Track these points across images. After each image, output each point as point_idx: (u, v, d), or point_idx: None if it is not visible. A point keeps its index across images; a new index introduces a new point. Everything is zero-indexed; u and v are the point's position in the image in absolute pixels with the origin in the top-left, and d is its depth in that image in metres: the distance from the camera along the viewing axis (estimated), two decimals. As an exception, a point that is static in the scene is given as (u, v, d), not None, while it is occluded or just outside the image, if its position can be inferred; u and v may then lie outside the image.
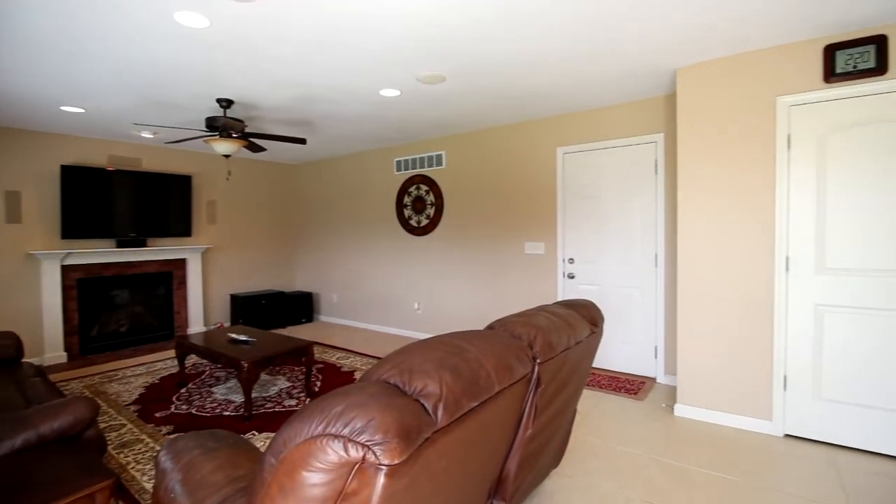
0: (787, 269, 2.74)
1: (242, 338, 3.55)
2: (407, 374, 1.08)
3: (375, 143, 5.48)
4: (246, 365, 3.01)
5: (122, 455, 2.60)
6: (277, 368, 4.18)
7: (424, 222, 5.32)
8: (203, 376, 4.00)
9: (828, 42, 2.60)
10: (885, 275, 2.48)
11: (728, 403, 2.93)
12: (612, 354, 4.03)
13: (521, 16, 2.32)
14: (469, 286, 4.97)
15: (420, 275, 5.42)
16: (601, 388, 3.61)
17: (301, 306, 6.42)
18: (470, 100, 3.74)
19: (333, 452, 0.89)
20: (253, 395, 3.52)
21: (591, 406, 3.25)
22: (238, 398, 3.45)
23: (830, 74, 2.59)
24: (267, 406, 3.31)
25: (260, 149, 4.15)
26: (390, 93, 3.51)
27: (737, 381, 2.90)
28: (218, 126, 3.58)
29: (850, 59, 2.54)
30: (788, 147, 2.72)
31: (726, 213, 2.92)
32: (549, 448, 1.93)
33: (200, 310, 5.75)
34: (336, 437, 0.89)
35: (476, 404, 1.18)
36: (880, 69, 2.46)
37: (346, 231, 6.26)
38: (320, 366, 4.31)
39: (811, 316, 2.67)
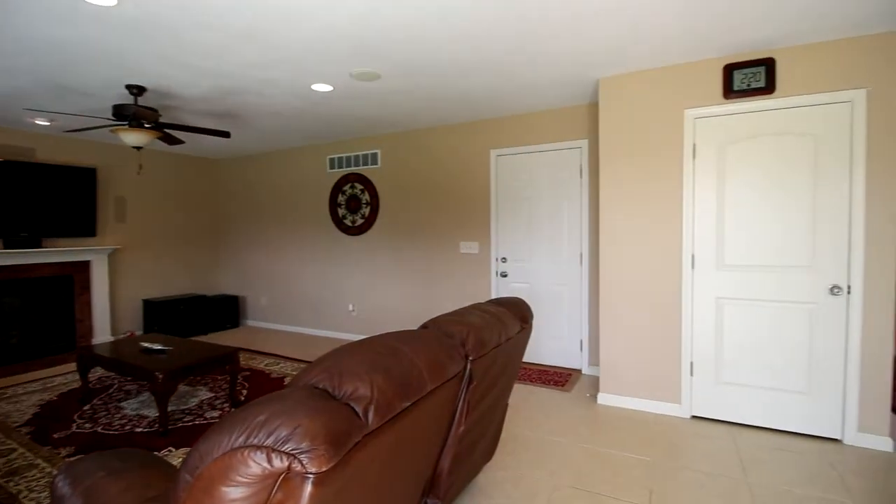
0: (692, 266, 3.02)
1: (157, 347, 3.27)
2: (337, 378, 1.05)
3: (307, 139, 5.29)
4: (160, 376, 2.78)
5: (11, 484, 2.29)
6: (198, 378, 3.90)
7: (359, 222, 5.23)
8: (111, 390, 3.63)
9: (727, 62, 2.90)
10: (768, 270, 2.82)
11: (644, 390, 3.18)
12: (541, 349, 4.22)
13: (454, 21, 2.35)
14: (405, 286, 4.95)
15: (355, 275, 5.32)
16: (532, 381, 3.76)
17: (225, 311, 6.04)
18: (406, 99, 3.73)
19: (256, 464, 0.84)
20: (170, 408, 3.25)
21: (522, 399, 3.38)
22: (152, 413, 3.18)
23: (729, 91, 2.89)
24: (186, 420, 3.07)
25: (177, 141, 3.84)
26: (322, 88, 3.40)
27: (651, 370, 3.16)
28: (127, 115, 3.26)
29: (745, 77, 2.85)
30: (694, 156, 3.00)
31: (642, 215, 3.16)
32: (482, 443, 1.98)
33: (107, 318, 5.21)
34: (259, 447, 0.84)
35: (409, 404, 1.18)
36: (769, 88, 2.79)
37: (276, 230, 5.98)
38: (247, 373, 4.08)
39: (713, 308, 2.97)
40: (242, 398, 3.47)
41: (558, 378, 3.83)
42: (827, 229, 2.68)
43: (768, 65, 2.78)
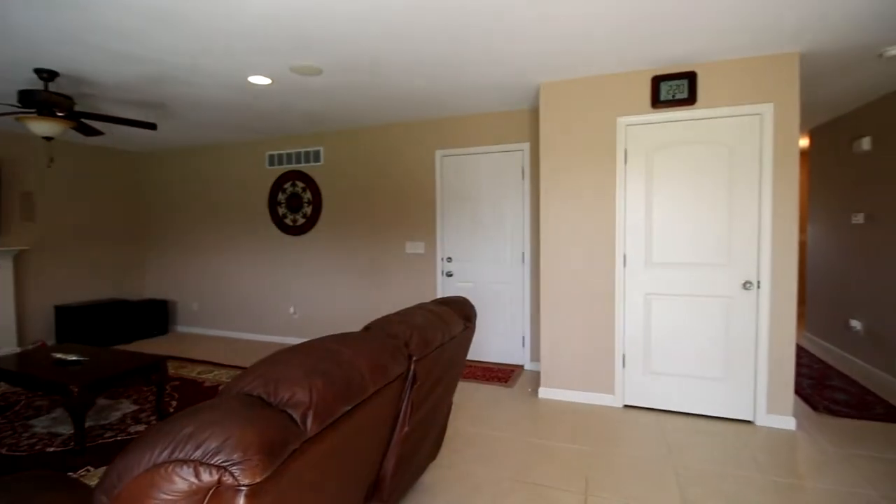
0: (624, 264, 3.21)
1: (72, 357, 2.98)
2: (272, 384, 1.01)
3: (244, 134, 5.04)
4: (75, 389, 2.53)
5: None
6: (121, 391, 3.59)
7: (301, 221, 5.05)
8: (17, 407, 3.26)
9: (655, 73, 3.10)
10: (691, 267, 3.06)
11: (581, 383, 3.33)
12: (486, 346, 4.30)
13: (396, 20, 2.34)
14: (350, 287, 4.85)
15: (296, 276, 5.14)
16: (476, 378, 3.82)
17: (152, 317, 5.61)
18: (349, 96, 3.66)
19: (182, 480, 0.79)
20: (88, 423, 2.98)
21: (468, 397, 3.43)
22: (67, 430, 2.89)
23: (656, 101, 3.09)
24: (107, 436, 2.82)
25: (95, 132, 3.52)
26: (260, 80, 3.26)
27: (588, 363, 3.32)
28: (36, 102, 2.94)
29: (671, 89, 3.07)
30: (625, 161, 3.19)
31: (579, 216, 3.31)
32: (426, 443, 1.99)
33: (13, 326, 4.67)
34: (185, 462, 0.79)
35: (350, 408, 1.16)
36: (691, 100, 3.02)
37: (210, 230, 5.64)
38: (177, 383, 3.82)
39: (642, 303, 3.18)
40: (172, 410, 3.24)
41: (502, 374, 3.93)
42: (741, 230, 2.95)
43: (691, 78, 3.01)
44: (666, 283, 3.12)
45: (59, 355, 3.03)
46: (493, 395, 3.48)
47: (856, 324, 4.06)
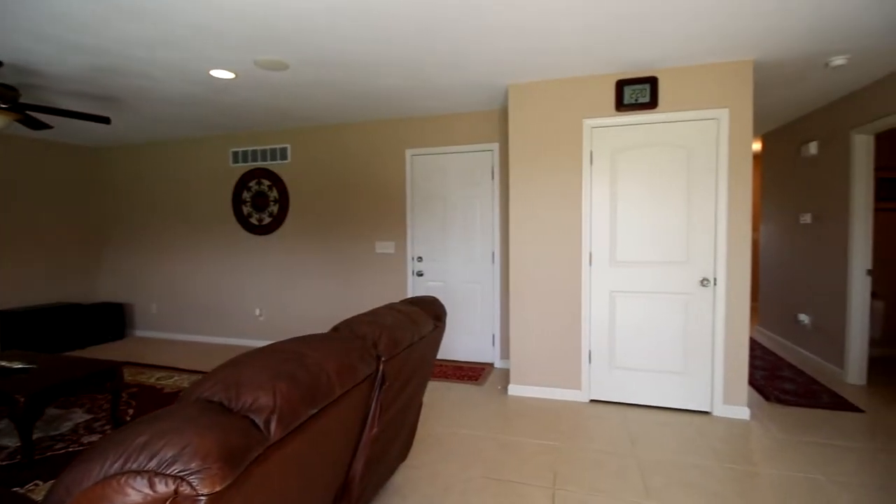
0: (590, 263, 3.29)
1: (17, 365, 2.80)
2: (233, 389, 0.98)
3: (207, 130, 4.86)
4: (21, 399, 2.38)
5: None
6: (73, 399, 3.40)
7: (267, 220, 4.92)
8: (-47, 420, 3.03)
9: (619, 78, 3.19)
10: (653, 265, 3.16)
11: (550, 379, 3.40)
12: (456, 345, 4.31)
13: (366, 17, 2.31)
14: (318, 288, 4.77)
15: (263, 277, 5.00)
16: (447, 377, 3.83)
17: (107, 321, 5.34)
18: (317, 92, 3.59)
19: (136, 492, 0.76)
20: (36, 435, 2.81)
21: (438, 396, 3.43)
22: (13, 442, 2.71)
23: (620, 104, 3.18)
24: (57, 447, 2.67)
25: (43, 125, 3.32)
26: (223, 74, 3.15)
27: (556, 360, 3.38)
28: (-28, 92, 2.74)
29: (634, 93, 3.16)
30: (591, 162, 3.27)
31: (547, 216, 3.37)
32: (396, 443, 1.98)
33: (-51, 332, 4.35)
34: (139, 473, 0.76)
35: (316, 411, 1.14)
36: (653, 104, 3.12)
37: (170, 229, 5.42)
38: (134, 390, 3.65)
39: (607, 300, 3.26)
40: (128, 418, 3.09)
41: (472, 373, 3.95)
42: (699, 230, 3.07)
43: (652, 83, 3.11)
44: (629, 281, 3.22)
45: (2, 363, 2.84)
46: (464, 393, 3.50)
47: (804, 318, 4.30)
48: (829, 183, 3.94)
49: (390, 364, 1.58)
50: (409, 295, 4.42)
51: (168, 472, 0.76)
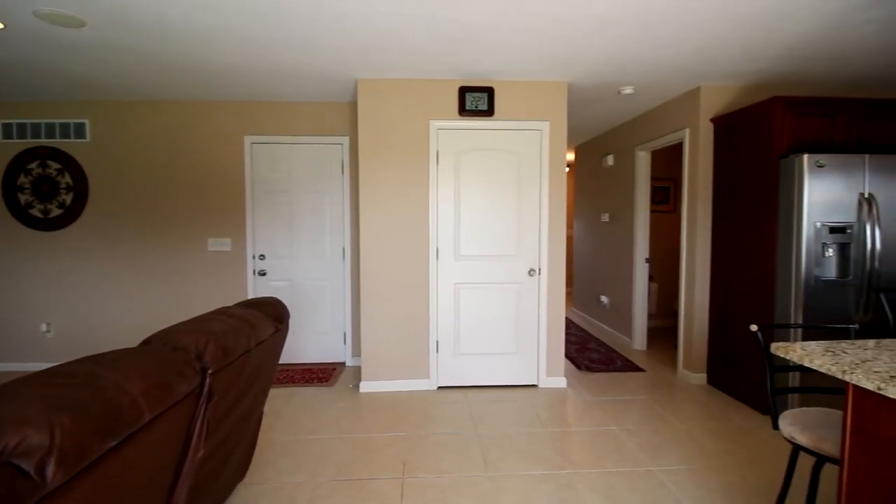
0: (437, 257, 3.47)
1: None
2: (-12, 432, 0.77)
3: (-45, 93, 3.69)
4: None
5: None
6: None
7: (57, 212, 3.97)
8: None
9: (462, 84, 3.40)
10: (490, 259, 3.49)
11: (400, 371, 3.49)
12: (306, 347, 4.12)
13: (186, -21, 2.02)
14: (132, 294, 4.04)
15: (51, 284, 4.03)
16: (294, 382, 3.64)
17: None
18: (127, 61, 3.01)
19: None
20: None
21: (283, 403, 3.24)
22: None
23: (462, 109, 3.40)
24: None
25: None
26: (-22, 23, 2.42)
27: (406, 352, 3.49)
28: None
29: (474, 100, 3.41)
30: (437, 162, 3.43)
31: (397, 212, 3.43)
32: (230, 462, 1.80)
33: None
34: None
35: (116, 442, 0.97)
36: (490, 111, 3.41)
37: None
38: None
39: (452, 292, 3.49)
40: None
41: (322, 374, 3.82)
42: (527, 226, 3.49)
43: (490, 92, 3.41)
44: (472, 274, 3.49)
45: None
46: (313, 396, 3.37)
47: (604, 299, 5.23)
48: (620, 189, 4.85)
49: (220, 376, 1.43)
50: (250, 296, 4.05)
51: None
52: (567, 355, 4.33)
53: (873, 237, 2.72)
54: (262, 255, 4.04)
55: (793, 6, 2.27)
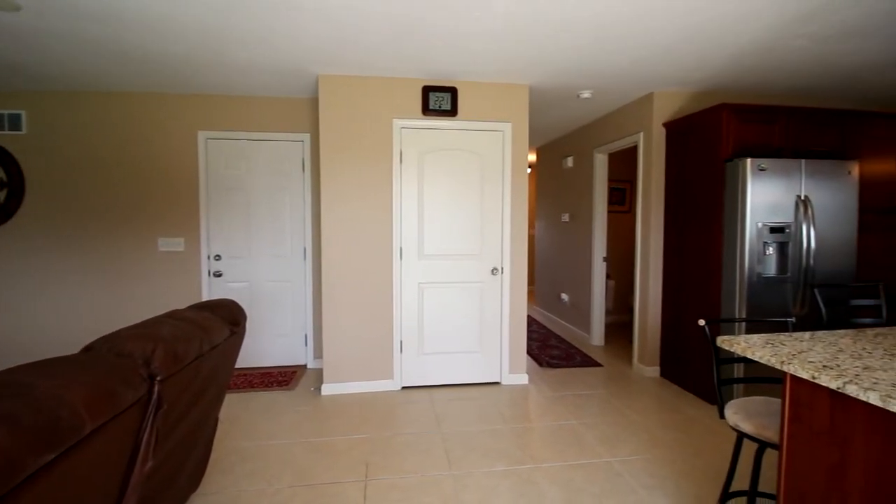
0: (401, 257, 3.45)
1: None
2: None
3: None
4: None
5: None
6: None
7: (-13, 209, 3.67)
8: None
9: (425, 84, 3.39)
10: (454, 258, 3.51)
11: (364, 373, 3.45)
12: (265, 349, 4.00)
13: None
14: (74, 297, 3.78)
15: (-18, 286, 3.72)
16: (253, 387, 3.52)
17: None
18: (68, 48, 2.82)
19: None
20: None
21: (241, 409, 3.13)
22: None
23: (426, 109, 3.40)
24: None
25: None
26: None
27: (370, 353, 3.45)
28: None
29: (437, 100, 3.41)
30: (401, 161, 3.41)
31: (359, 211, 3.39)
32: (183, 472, 1.72)
33: None
34: None
35: (54, 456, 0.91)
36: (453, 112, 3.42)
37: None
38: None
39: (416, 292, 3.48)
40: None
41: (283, 377, 3.72)
42: (490, 226, 3.52)
43: (453, 93, 3.42)
44: (435, 273, 3.49)
45: None
46: (273, 400, 3.27)
47: (565, 296, 5.37)
48: (580, 190, 4.99)
49: (170, 383, 1.36)
50: (205, 298, 3.88)
51: None
52: (529, 352, 4.41)
53: (809, 236, 2.93)
54: (217, 256, 3.88)
55: (736, 19, 2.41)
